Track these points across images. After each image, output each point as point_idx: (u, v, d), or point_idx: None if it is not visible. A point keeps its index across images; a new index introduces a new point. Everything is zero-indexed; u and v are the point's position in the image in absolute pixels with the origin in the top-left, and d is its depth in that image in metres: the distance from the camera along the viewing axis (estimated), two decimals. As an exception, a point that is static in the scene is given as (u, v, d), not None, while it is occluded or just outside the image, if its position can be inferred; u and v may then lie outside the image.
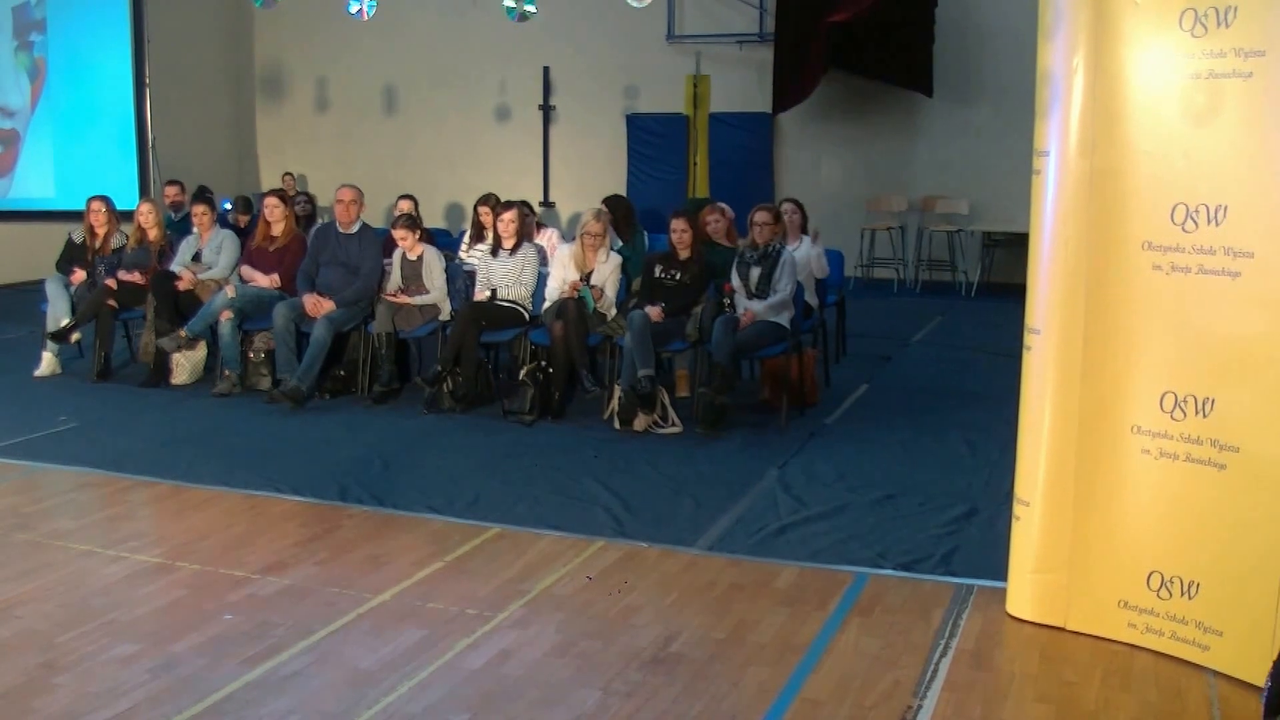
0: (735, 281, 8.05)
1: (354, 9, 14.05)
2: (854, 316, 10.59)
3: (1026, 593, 4.74)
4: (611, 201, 9.43)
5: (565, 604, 4.85)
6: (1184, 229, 4.26)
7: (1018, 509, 4.76)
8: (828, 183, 15.65)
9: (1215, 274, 4.20)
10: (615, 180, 15.96)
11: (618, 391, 7.76)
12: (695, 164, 15.77)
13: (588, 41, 16.59)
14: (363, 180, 10.37)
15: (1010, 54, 13.97)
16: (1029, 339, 4.65)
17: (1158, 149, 4.31)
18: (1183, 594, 4.39)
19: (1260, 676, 4.10)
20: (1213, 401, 4.26)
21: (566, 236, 9.92)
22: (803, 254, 8.72)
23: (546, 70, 17.05)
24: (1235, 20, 4.11)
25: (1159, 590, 4.44)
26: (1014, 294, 4.79)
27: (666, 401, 7.79)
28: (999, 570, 4.92)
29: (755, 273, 7.96)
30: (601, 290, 8.17)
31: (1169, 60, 4.28)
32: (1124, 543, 4.51)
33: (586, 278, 8.22)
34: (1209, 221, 4.20)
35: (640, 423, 7.67)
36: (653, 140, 16.44)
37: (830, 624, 4.69)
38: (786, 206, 9.12)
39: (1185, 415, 4.32)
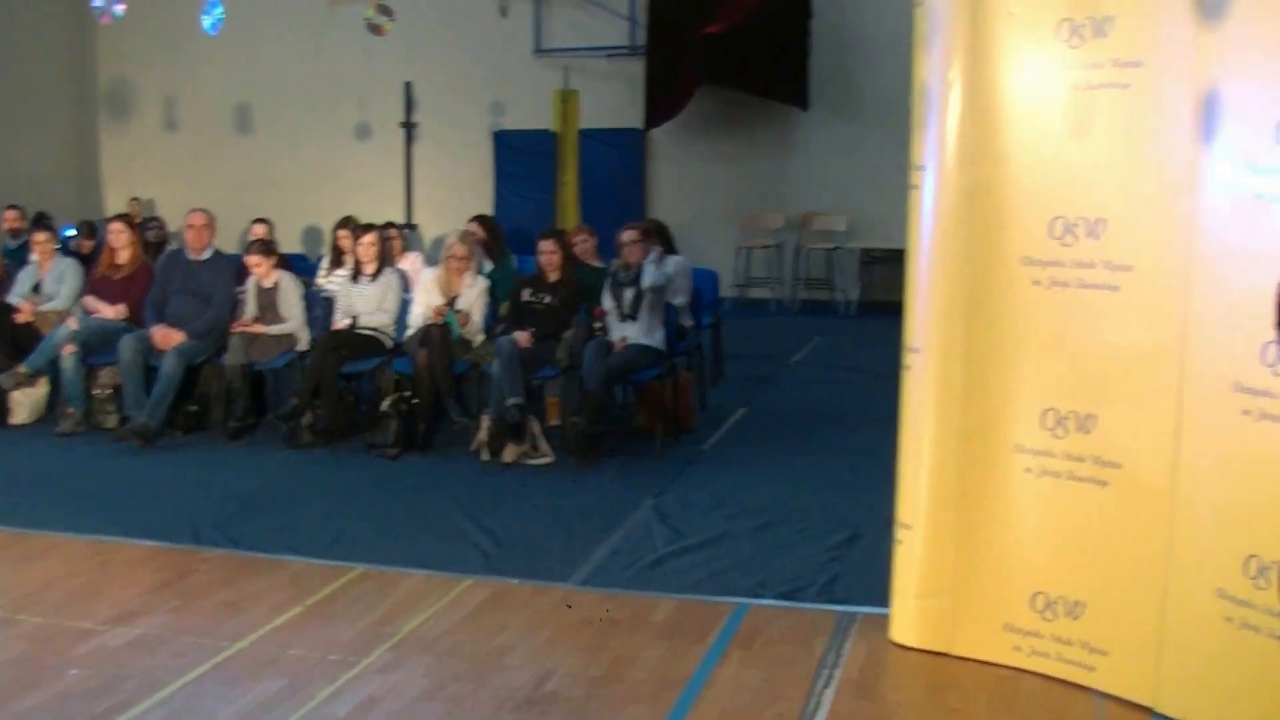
0: (607, 304, 7.94)
1: (206, 23, 13.60)
2: (730, 338, 10.51)
3: (910, 619, 4.68)
4: (479, 222, 9.22)
5: (434, 645, 4.70)
6: (1063, 243, 4.24)
7: (900, 533, 4.70)
8: (702, 200, 15.59)
9: (1095, 288, 4.18)
10: (482, 200, 15.74)
11: (486, 421, 7.59)
12: (565, 182, 15.60)
13: (451, 56, 16.33)
14: (215, 204, 9.98)
15: (887, 67, 13.96)
16: (908, 358, 4.61)
17: (1036, 162, 4.30)
18: (1067, 614, 4.36)
19: (1145, 695, 4.14)
20: (1094, 418, 4.24)
21: (430, 260, 9.68)
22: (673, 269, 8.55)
23: (408, 86, 16.74)
24: (1112, 31, 4.12)
25: (1043, 611, 4.41)
26: (894, 312, 4.78)
27: (537, 431, 7.64)
28: (882, 596, 4.85)
29: (628, 294, 7.84)
30: (468, 315, 7.98)
31: (1046, 72, 4.27)
32: (1007, 564, 4.47)
33: (452, 303, 8.02)
34: (1088, 235, 4.19)
35: (510, 454, 7.51)
36: (520, 158, 16.25)
37: (710, 657, 4.61)
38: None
39: (1067, 432, 4.29)
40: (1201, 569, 3.96)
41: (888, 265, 14.32)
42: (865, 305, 14.77)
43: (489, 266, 8.81)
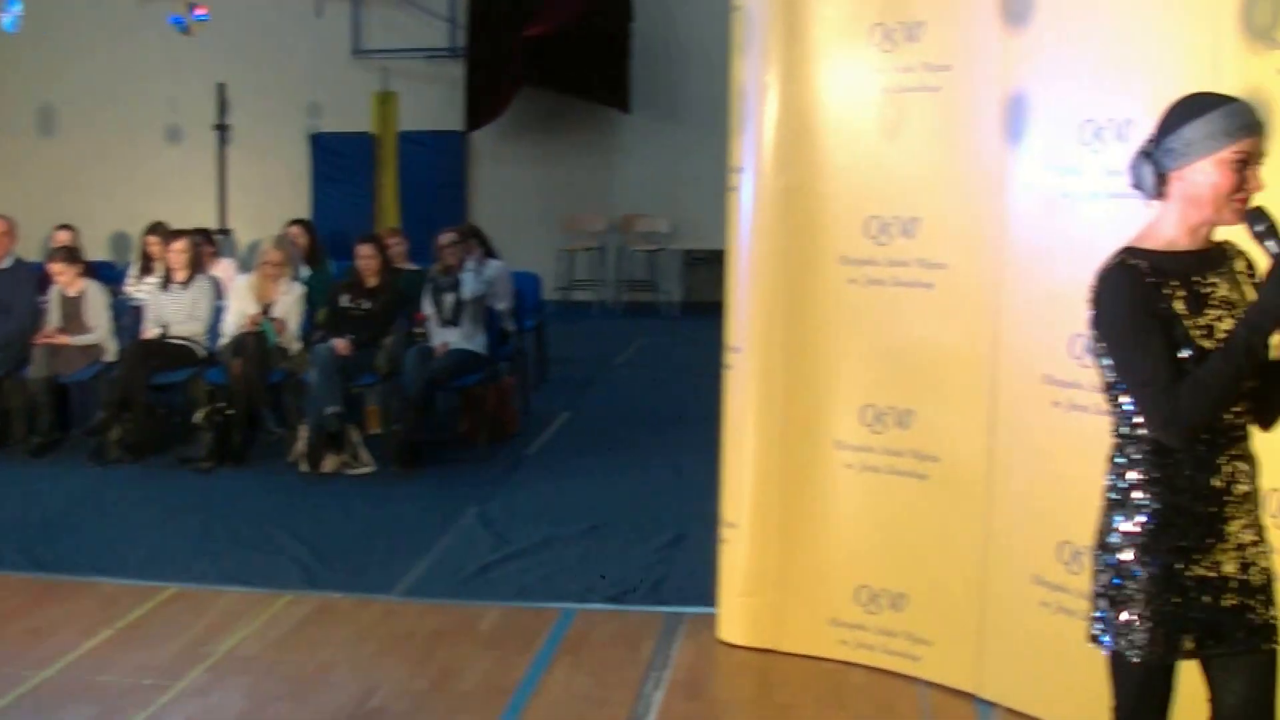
0: (428, 309, 7.83)
1: (5, 21, 12.97)
2: (554, 341, 10.48)
3: (737, 617, 4.71)
4: (295, 226, 9.02)
5: (252, 665, 4.58)
6: (877, 242, 4.31)
7: (725, 532, 4.73)
8: (524, 203, 15.49)
9: (909, 286, 4.26)
10: (298, 204, 15.34)
11: (304, 432, 7.43)
12: (384, 186, 15.35)
13: (265, 57, 15.88)
14: (15, 209, 9.50)
15: (707, 70, 13.98)
16: (729, 357, 4.65)
17: (850, 163, 4.36)
18: (891, 607, 4.43)
19: (968, 682, 4.24)
20: (912, 413, 4.32)
21: (245, 266, 9.41)
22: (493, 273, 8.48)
23: (221, 87, 16.23)
24: (923, 36, 4.20)
25: (868, 604, 4.47)
26: (717, 312, 4.86)
27: (357, 440, 7.50)
28: (709, 596, 4.87)
29: (449, 299, 7.75)
30: (284, 323, 7.79)
31: (860, 75, 4.34)
32: (831, 559, 4.52)
33: (267, 310, 7.81)
34: (902, 234, 4.27)
35: (329, 464, 7.36)
36: (339, 161, 15.91)
37: (538, 664, 4.58)
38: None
39: (886, 428, 4.37)
40: (1018, 557, 4.07)
41: (710, 266, 14.37)
42: (688, 306, 14.86)
43: (306, 272, 8.62)
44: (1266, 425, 2.67)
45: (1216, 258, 2.61)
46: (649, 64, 15.03)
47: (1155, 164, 2.57)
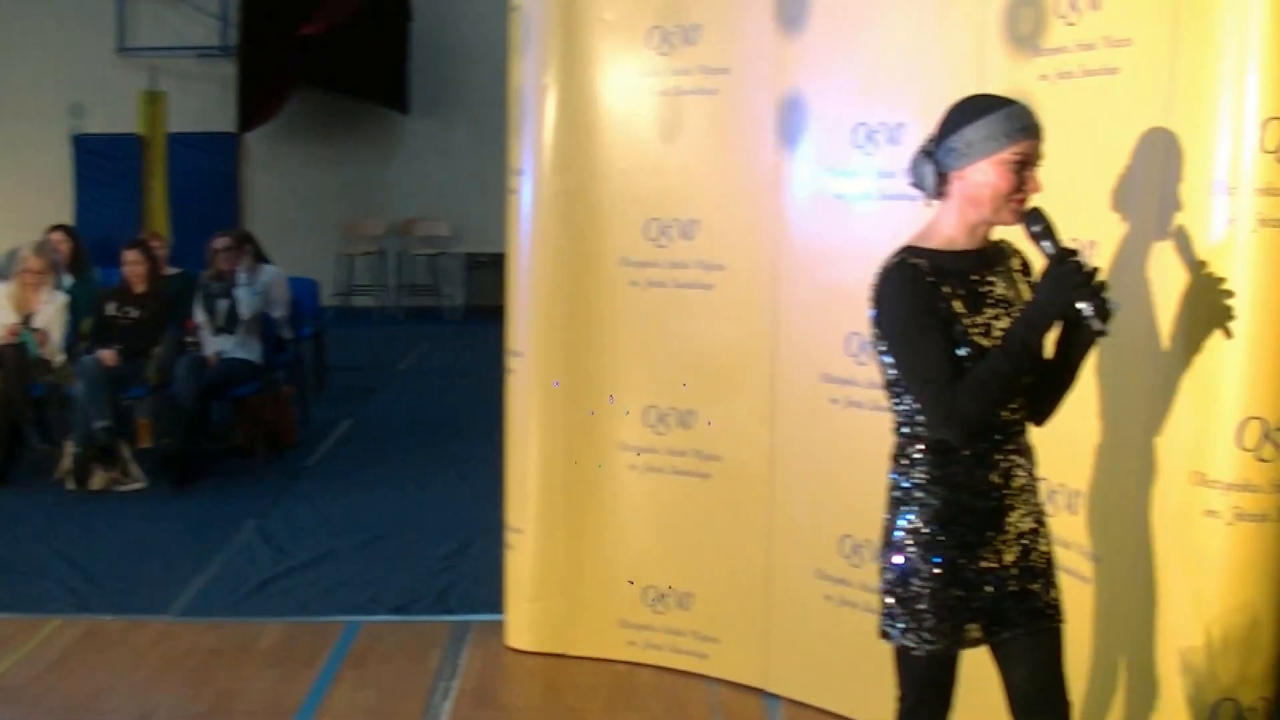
0: (200, 316, 7.56)
1: None
2: (333, 348, 10.28)
3: (525, 622, 4.69)
4: (57, 232, 8.59)
5: (20, 695, 4.38)
6: (658, 244, 4.35)
7: (511, 537, 4.70)
8: (301, 206, 15.13)
9: (690, 287, 4.31)
10: (61, 209, 14.64)
11: (70, 448, 7.14)
12: (153, 189, 14.79)
13: (23, 53, 15.14)
14: None
15: (487, 71, 13.87)
16: (511, 362, 4.63)
17: (630, 165, 4.38)
18: (678, 606, 4.47)
19: (756, 677, 4.31)
20: (695, 413, 4.36)
21: (2, 275, 8.92)
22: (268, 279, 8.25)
23: (-28, 86, 15.44)
24: (700, 39, 4.24)
25: (655, 604, 4.51)
26: (500, 316, 4.83)
27: (127, 455, 7.24)
28: (497, 603, 4.84)
29: (222, 306, 7.50)
30: (46, 334, 7.46)
31: (638, 78, 4.37)
32: (618, 561, 4.55)
33: (27, 320, 7.46)
34: (681, 236, 4.31)
35: (98, 481, 7.09)
36: (104, 164, 15.26)
37: (321, 680, 4.49)
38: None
39: (669, 429, 4.40)
40: (801, 552, 4.16)
41: (493, 269, 14.22)
42: (471, 310, 14.73)
43: (69, 280, 8.21)
44: (1040, 420, 2.77)
45: (994, 257, 2.68)
46: (428, 64, 14.87)
47: (936, 164, 2.62)
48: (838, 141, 3.95)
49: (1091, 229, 3.10)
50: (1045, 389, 2.70)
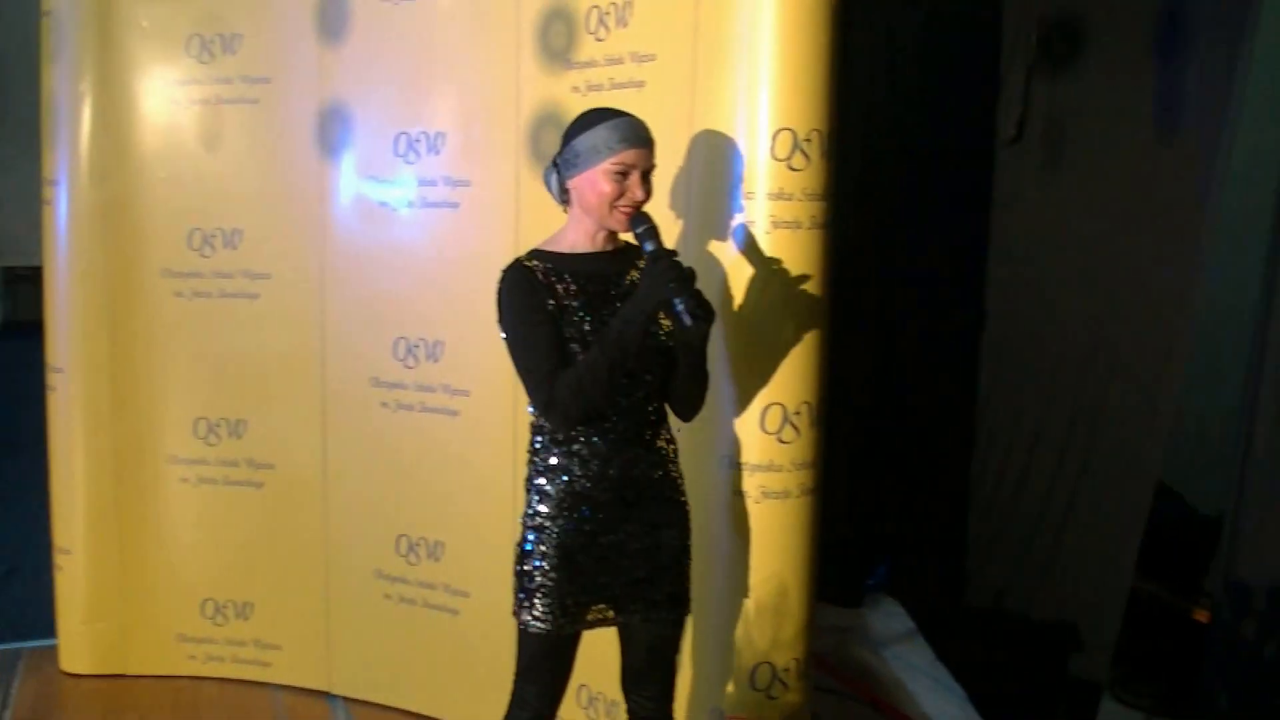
0: None
1: None
2: None
3: (80, 645, 4.54)
4: None
5: None
6: (202, 254, 4.30)
7: (60, 559, 4.53)
8: None
9: (236, 297, 4.29)
10: None
11: None
12: None
13: None
14: None
15: (20, 77, 13.11)
16: (52, 379, 4.46)
17: (172, 175, 4.32)
18: (238, 616, 4.46)
19: (321, 681, 4.35)
20: (246, 423, 4.36)
21: None
22: None
23: None
24: (241, 48, 4.24)
25: (214, 617, 4.48)
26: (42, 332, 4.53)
27: None
28: (50, 627, 4.64)
29: None
30: None
31: (178, 86, 4.31)
32: (175, 576, 4.48)
33: None
34: (225, 245, 4.29)
35: None
36: None
37: None
38: None
39: (220, 439, 4.38)
40: (359, 554, 4.24)
41: (34, 283, 13.46)
42: (11, 326, 13.85)
43: None
44: (683, 416, 2.92)
45: (624, 259, 2.81)
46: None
47: (559, 173, 2.76)
48: (380, 150, 4.04)
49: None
50: (675, 387, 2.84)
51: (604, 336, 2.66)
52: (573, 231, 2.81)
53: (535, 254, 2.79)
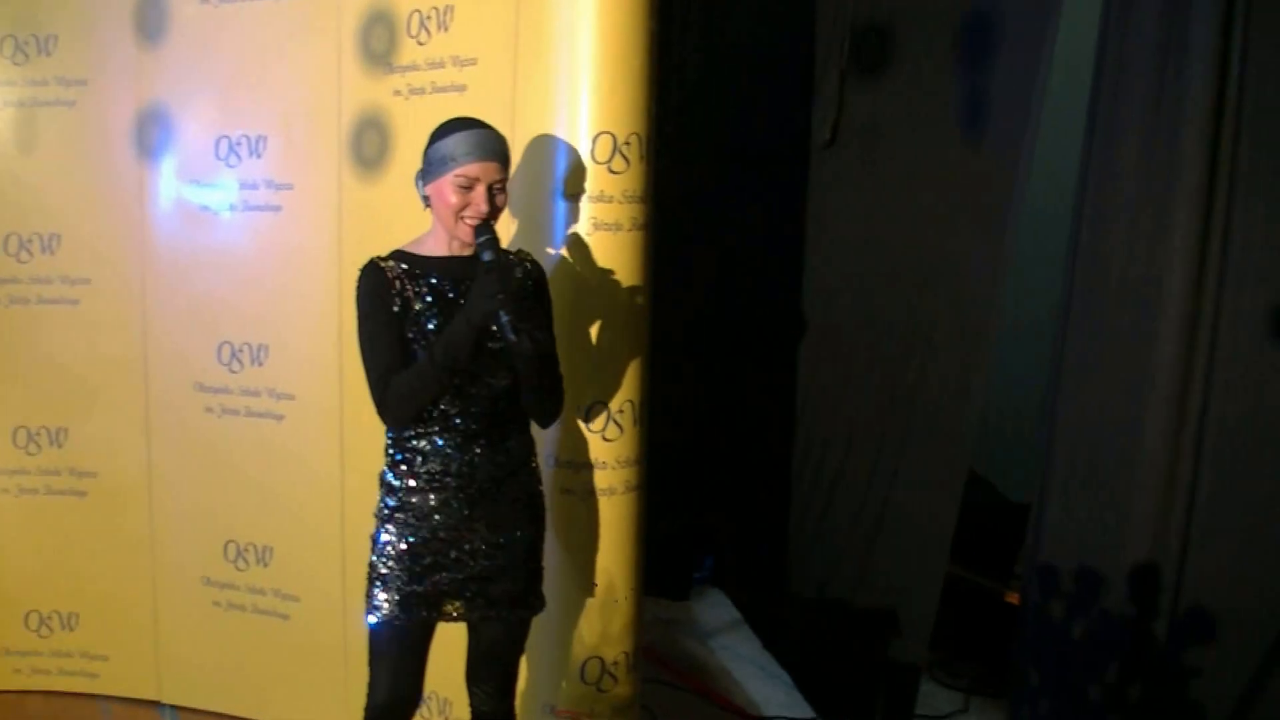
0: None
1: None
2: None
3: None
4: None
5: None
6: (19, 259, 4.20)
7: None
8: None
9: (55, 303, 4.20)
10: None
11: None
12: None
13: None
14: None
15: None
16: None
17: (-13, 179, 4.19)
18: (63, 628, 4.36)
19: (150, 690, 4.30)
20: (66, 431, 4.26)
21: None
22: None
23: None
24: (56, 49, 4.13)
25: (39, 629, 4.37)
26: None
27: None
28: None
29: None
30: None
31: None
32: (-3, 589, 4.35)
33: None
34: (43, 250, 4.18)
35: None
36: None
37: None
38: None
39: (40, 449, 4.28)
40: (187, 561, 4.19)
41: None
42: None
43: None
44: (540, 422, 2.96)
45: (474, 265, 2.78)
46: None
47: (420, 179, 2.79)
48: (201, 153, 3.99)
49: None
50: (528, 394, 2.88)
51: (434, 344, 2.70)
52: (433, 235, 2.85)
53: (396, 254, 2.83)
